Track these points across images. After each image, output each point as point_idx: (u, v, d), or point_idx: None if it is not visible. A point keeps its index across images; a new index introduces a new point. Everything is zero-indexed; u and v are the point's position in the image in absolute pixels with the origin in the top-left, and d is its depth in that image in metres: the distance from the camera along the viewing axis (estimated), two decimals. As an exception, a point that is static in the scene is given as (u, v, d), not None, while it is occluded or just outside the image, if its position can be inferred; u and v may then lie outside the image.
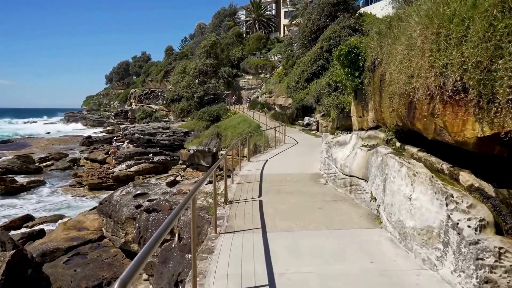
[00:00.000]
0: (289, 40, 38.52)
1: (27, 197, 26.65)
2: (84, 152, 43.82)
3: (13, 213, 22.52)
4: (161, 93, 55.36)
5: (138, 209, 9.29)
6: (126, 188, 10.96)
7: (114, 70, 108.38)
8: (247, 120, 29.17)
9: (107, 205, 10.65)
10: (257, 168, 11.00)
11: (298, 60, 30.48)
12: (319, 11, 29.92)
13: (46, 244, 10.97)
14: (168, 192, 10.18)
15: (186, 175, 27.30)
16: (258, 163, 12.00)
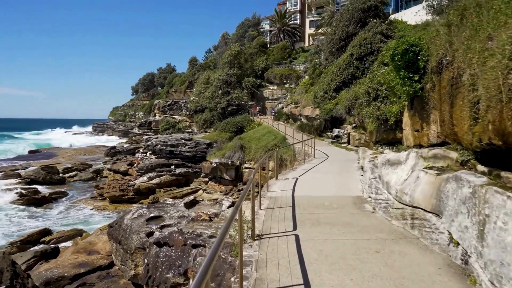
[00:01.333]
0: (315, 49, 37.19)
1: (48, 209, 26.12)
2: (108, 163, 43.52)
3: (32, 225, 21.92)
4: (184, 104, 54.94)
5: (149, 238, 8.06)
6: (139, 210, 9.79)
7: (140, 81, 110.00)
8: (272, 131, 27.85)
9: (117, 229, 9.48)
10: (287, 188, 9.61)
11: (326, 69, 29.05)
12: (348, 18, 28.51)
13: (52, 271, 9.89)
14: (185, 216, 8.92)
15: (208, 188, 26.15)
16: (288, 181, 10.61)
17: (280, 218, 6.63)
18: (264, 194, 8.79)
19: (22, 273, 8.64)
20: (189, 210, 9.98)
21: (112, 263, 9.96)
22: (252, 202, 5.74)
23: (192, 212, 9.35)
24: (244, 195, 4.64)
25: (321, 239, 5.30)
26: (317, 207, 7.36)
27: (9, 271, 8.00)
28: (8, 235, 19.94)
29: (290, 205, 7.62)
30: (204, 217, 8.44)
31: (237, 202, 4.22)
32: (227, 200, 10.67)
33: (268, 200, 8.28)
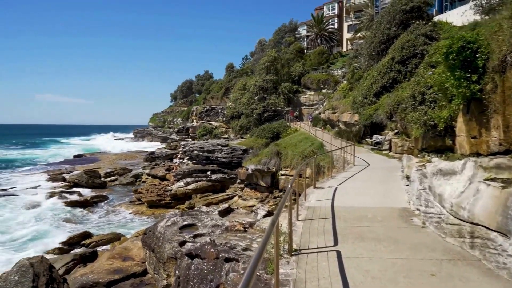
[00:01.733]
0: (354, 53, 36.23)
1: (89, 212, 26.88)
2: (146, 168, 44.53)
3: (74, 228, 22.56)
4: (221, 110, 55.41)
5: (181, 247, 7.82)
6: (173, 217, 9.61)
7: (178, 88, 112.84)
8: (309, 138, 27.26)
9: (150, 237, 9.35)
10: (325, 197, 9.09)
11: (365, 73, 28.13)
12: (389, 20, 27.49)
13: (87, 276, 9.94)
14: (219, 226, 8.63)
15: (243, 195, 25.91)
16: (326, 190, 10.08)
17: (319, 230, 6.16)
18: (301, 204, 8.32)
19: (58, 278, 8.71)
20: (223, 218, 9.69)
21: (145, 270, 9.85)
22: (290, 213, 5.31)
23: (226, 221, 9.04)
24: (282, 207, 4.25)
25: (366, 257, 4.78)
26: (360, 220, 6.81)
27: (45, 275, 8.07)
28: (51, 236, 20.62)
29: (329, 217, 7.12)
30: (238, 227, 8.10)
31: (274, 215, 3.83)
32: (263, 208, 10.28)
33: (305, 210, 7.81)
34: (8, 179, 40.33)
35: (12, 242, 19.66)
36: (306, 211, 7.69)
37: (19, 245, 19.08)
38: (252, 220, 9.16)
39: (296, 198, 7.51)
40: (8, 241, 19.71)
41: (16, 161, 56.67)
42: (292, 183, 5.53)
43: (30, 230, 21.59)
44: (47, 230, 21.72)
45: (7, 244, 19.30)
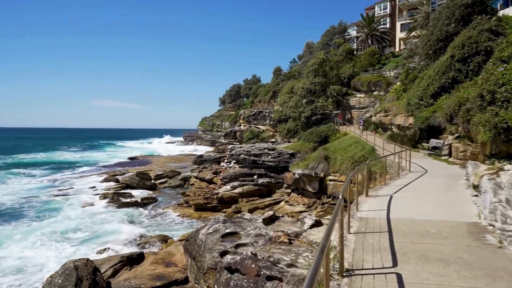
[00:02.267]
0: (408, 52, 34.31)
1: (139, 214, 27.58)
2: (194, 171, 45.24)
3: (124, 229, 23.14)
4: (268, 114, 55.11)
5: (222, 258, 7.39)
6: (215, 225, 9.24)
7: (227, 92, 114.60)
8: (359, 142, 26.02)
9: (192, 244, 9.05)
10: (379, 207, 8.27)
11: (421, 74, 26.39)
12: (447, 16, 25.61)
13: (130, 281, 9.86)
14: (262, 235, 8.10)
15: (290, 200, 25.25)
16: (380, 199, 9.22)
17: (374, 247, 5.44)
18: (352, 214, 7.59)
19: (102, 282, 8.67)
20: (268, 227, 9.16)
21: (187, 278, 9.59)
22: (341, 226, 4.65)
23: (271, 230, 8.50)
24: (334, 221, 3.66)
25: (434, 284, 4.03)
26: (422, 235, 5.98)
27: (88, 279, 8.06)
28: (102, 236, 21.29)
29: (385, 230, 6.35)
30: (282, 239, 7.52)
31: (326, 230, 3.26)
32: (310, 217, 9.59)
33: (357, 221, 7.08)
34: (67, 180, 42.77)
35: (68, 240, 20.52)
36: (358, 223, 6.96)
37: (74, 244, 19.85)
38: (298, 230, 8.55)
39: (348, 208, 6.80)
40: (64, 239, 20.60)
41: (75, 163, 60.19)
42: (343, 193, 4.88)
43: (82, 229, 22.46)
44: (98, 230, 22.48)
45: (65, 241, 20.17)
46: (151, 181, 39.77)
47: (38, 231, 21.78)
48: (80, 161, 63.77)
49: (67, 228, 22.49)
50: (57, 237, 20.83)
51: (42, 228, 22.64)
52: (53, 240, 20.30)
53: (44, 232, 21.64)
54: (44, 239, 20.30)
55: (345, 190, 5.51)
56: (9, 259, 17.30)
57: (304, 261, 5.62)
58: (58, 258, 17.13)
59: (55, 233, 21.41)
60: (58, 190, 35.28)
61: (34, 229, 22.49)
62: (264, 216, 10.13)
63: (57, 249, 18.92)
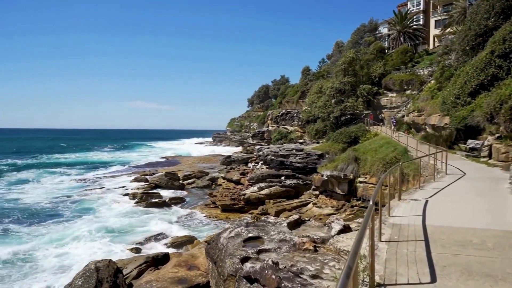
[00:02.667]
0: (444, 49, 32.79)
1: (166, 213, 27.74)
2: (222, 172, 45.28)
3: (151, 228, 23.26)
4: (296, 114, 54.46)
5: (243, 264, 7.01)
6: (237, 228, 8.88)
7: (255, 93, 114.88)
8: (391, 142, 25.03)
9: (213, 248, 8.72)
10: (414, 212, 7.66)
11: (458, 71, 25.08)
12: (486, 9, 24.20)
13: (151, 284, 9.71)
14: (287, 241, 7.66)
15: (318, 202, 24.62)
16: (414, 204, 8.58)
17: (409, 258, 4.91)
18: (384, 220, 7.03)
19: (123, 285, 8.53)
20: (293, 231, 8.71)
21: (209, 283, 9.31)
22: (372, 234, 4.15)
23: (296, 235, 8.04)
24: (365, 229, 3.22)
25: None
26: (463, 246, 5.38)
27: (108, 281, 7.93)
28: (130, 235, 21.50)
29: (421, 239, 5.78)
30: (307, 246, 7.05)
31: (356, 240, 2.84)
32: (338, 222, 9.04)
33: (389, 228, 6.53)
34: (99, 179, 43.86)
35: (97, 238, 20.83)
36: (390, 230, 6.41)
37: (103, 242, 20.10)
38: (325, 235, 8.04)
39: (379, 213, 6.26)
40: (94, 238, 20.92)
41: (107, 163, 61.79)
42: (374, 198, 4.40)
43: (111, 228, 22.76)
44: (126, 229, 22.72)
45: (95, 240, 20.49)
46: (179, 181, 40.11)
47: (71, 230, 22.30)
48: (112, 161, 65.45)
49: (97, 227, 22.86)
50: (88, 235, 21.20)
51: (75, 227, 23.15)
52: (85, 239, 20.67)
53: (77, 230, 22.13)
54: (77, 238, 20.73)
55: (376, 194, 5.01)
56: (49, 257, 17.68)
57: (330, 272, 5.15)
58: (88, 255, 17.38)
59: (87, 231, 21.81)
60: (90, 190, 36.17)
61: (67, 228, 23.02)
62: (289, 220, 9.67)
63: (88, 248, 19.22)
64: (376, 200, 6.53)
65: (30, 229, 22.74)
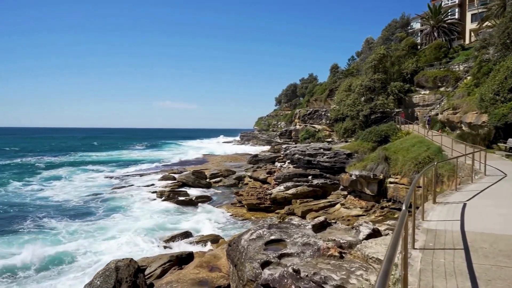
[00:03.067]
0: (481, 43, 31.12)
1: (193, 212, 27.80)
2: (249, 171, 45.12)
3: (178, 226, 23.31)
4: (324, 113, 53.52)
5: (263, 270, 6.62)
6: (259, 230, 8.51)
7: (283, 92, 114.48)
8: (424, 141, 23.93)
9: (234, 250, 8.40)
10: (450, 217, 7.05)
11: (497, 66, 23.67)
12: (530, 0, 22.70)
13: (171, 285, 9.52)
14: (311, 244, 7.23)
15: (346, 203, 23.91)
16: (451, 207, 7.94)
17: (447, 269, 4.39)
18: (418, 225, 6.48)
19: (143, 285, 8.38)
20: (317, 234, 8.24)
21: (230, 286, 9.01)
22: (405, 242, 3.67)
23: (320, 239, 7.58)
24: (398, 236, 2.80)
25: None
26: (509, 256, 4.79)
27: (128, 282, 7.79)
28: (158, 231, 21.58)
29: (460, 247, 5.22)
30: (332, 252, 6.58)
31: (389, 249, 2.44)
32: (366, 226, 8.50)
33: (424, 234, 5.98)
34: (129, 177, 44.69)
35: (127, 235, 21.06)
36: (424, 236, 5.87)
37: (129, 240, 20.29)
38: (352, 239, 7.55)
39: (412, 216, 5.71)
40: (121, 235, 21.17)
41: (136, 162, 63.02)
42: (407, 202, 3.92)
43: (139, 226, 22.98)
44: (153, 227, 22.87)
45: (122, 237, 20.73)
46: (206, 180, 40.21)
47: (102, 227, 22.71)
48: (142, 159, 66.73)
49: (126, 225, 23.19)
50: (117, 233, 21.45)
51: (106, 224, 23.57)
52: (114, 236, 20.95)
53: (106, 228, 22.51)
54: (107, 235, 21.04)
55: (410, 197, 4.52)
56: (81, 255, 17.95)
57: (357, 282, 4.70)
58: (114, 253, 17.56)
59: (117, 229, 22.13)
60: (120, 188, 36.85)
61: (98, 225, 23.44)
62: (314, 222, 9.20)
63: (116, 245, 19.43)
64: (412, 203, 5.99)
65: (63, 225, 23.29)
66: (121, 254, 16.79)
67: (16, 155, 74.58)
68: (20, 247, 18.58)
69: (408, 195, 4.37)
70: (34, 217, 25.17)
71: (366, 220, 21.04)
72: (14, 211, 27.33)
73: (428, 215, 7.33)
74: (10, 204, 29.80)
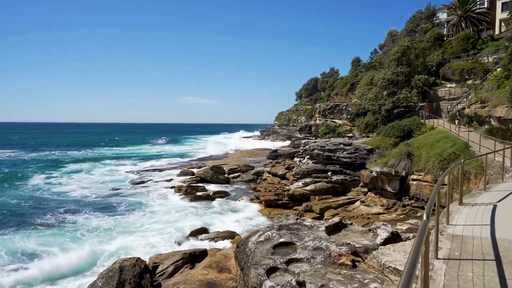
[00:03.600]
0: (513, 32, 29.42)
1: (210, 207, 27.58)
2: (267, 166, 44.63)
3: (194, 223, 23.02)
4: (345, 107, 52.29)
5: (268, 277, 6.13)
6: (268, 232, 7.99)
7: (303, 87, 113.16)
8: (449, 137, 22.78)
9: (241, 252, 7.94)
10: (479, 221, 6.36)
11: (530, 56, 22.24)
12: None
13: (178, 286, 9.18)
14: (322, 249, 6.68)
15: (366, 200, 23.10)
16: (479, 209, 7.22)
17: (476, 285, 3.79)
18: (442, 229, 5.84)
19: (147, 286, 8.05)
20: (331, 237, 7.68)
21: None
22: (425, 252, 3.09)
23: (333, 242, 7.01)
24: (417, 254, 2.26)
25: None
26: (550, 271, 4.13)
27: (131, 283, 7.46)
28: (173, 228, 21.40)
29: (491, 257, 4.59)
30: (344, 261, 6.00)
31: (409, 263, 1.95)
32: (385, 228, 7.84)
33: (449, 241, 5.35)
34: (149, 171, 44.97)
35: (145, 231, 21.01)
36: (449, 243, 5.24)
37: (147, 236, 20.21)
38: (369, 243, 6.95)
39: (436, 220, 5.07)
40: (138, 231, 21.13)
41: (157, 156, 63.50)
42: (429, 211, 3.33)
43: (156, 221, 22.89)
44: (170, 222, 22.74)
45: (138, 233, 20.69)
46: (225, 175, 39.96)
47: (121, 223, 22.73)
48: (162, 154, 67.25)
49: (144, 220, 23.18)
50: (135, 229, 21.39)
51: (125, 219, 23.59)
52: (132, 231, 20.91)
53: (126, 223, 22.51)
54: (126, 231, 21.00)
55: (432, 202, 3.92)
56: (100, 251, 17.82)
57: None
58: (126, 248, 17.45)
59: (136, 224, 22.09)
60: (140, 183, 36.96)
61: (118, 220, 23.48)
62: (328, 223, 8.60)
63: (132, 240, 19.31)
64: (436, 205, 5.35)
65: (82, 220, 23.47)
66: (136, 251, 16.68)
67: (39, 149, 76.71)
68: (41, 244, 18.72)
69: (430, 202, 3.78)
70: (55, 212, 25.50)
71: (388, 218, 20.24)
72: (36, 204, 27.86)
73: (454, 218, 6.66)
74: (31, 197, 30.45)
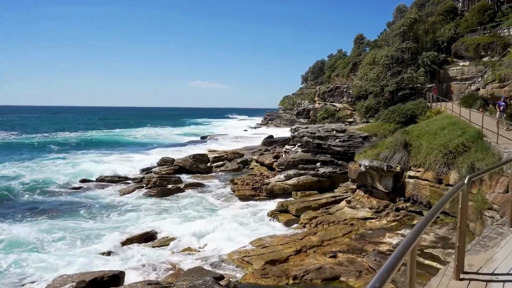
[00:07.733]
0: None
1: (176, 203, 23.82)
2: (256, 154, 40.65)
3: (143, 225, 19.14)
4: (346, 90, 47.53)
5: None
6: None
7: (309, 69, 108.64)
8: (458, 123, 18.14)
9: None
10: None
11: None
12: None
13: None
14: None
15: (353, 200, 18.92)
16: None
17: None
18: None
19: None
20: None
21: None
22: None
23: None
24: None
25: None
26: None
27: None
28: (112, 232, 17.51)
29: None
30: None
31: None
32: None
33: None
34: (130, 159, 40.65)
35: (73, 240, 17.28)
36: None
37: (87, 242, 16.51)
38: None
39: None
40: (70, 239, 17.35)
41: (143, 144, 58.98)
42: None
43: (94, 226, 19.14)
44: (113, 225, 18.98)
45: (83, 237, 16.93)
46: (207, 164, 36.05)
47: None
48: (148, 142, 61.86)
49: (80, 226, 19.47)
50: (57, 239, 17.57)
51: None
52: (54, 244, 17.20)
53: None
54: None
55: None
56: None
57: None
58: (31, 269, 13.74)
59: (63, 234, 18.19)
60: (106, 176, 32.00)
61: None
62: None
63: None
64: None
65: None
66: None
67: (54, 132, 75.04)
68: None
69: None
70: None
71: (376, 225, 16.09)
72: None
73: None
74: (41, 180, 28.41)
